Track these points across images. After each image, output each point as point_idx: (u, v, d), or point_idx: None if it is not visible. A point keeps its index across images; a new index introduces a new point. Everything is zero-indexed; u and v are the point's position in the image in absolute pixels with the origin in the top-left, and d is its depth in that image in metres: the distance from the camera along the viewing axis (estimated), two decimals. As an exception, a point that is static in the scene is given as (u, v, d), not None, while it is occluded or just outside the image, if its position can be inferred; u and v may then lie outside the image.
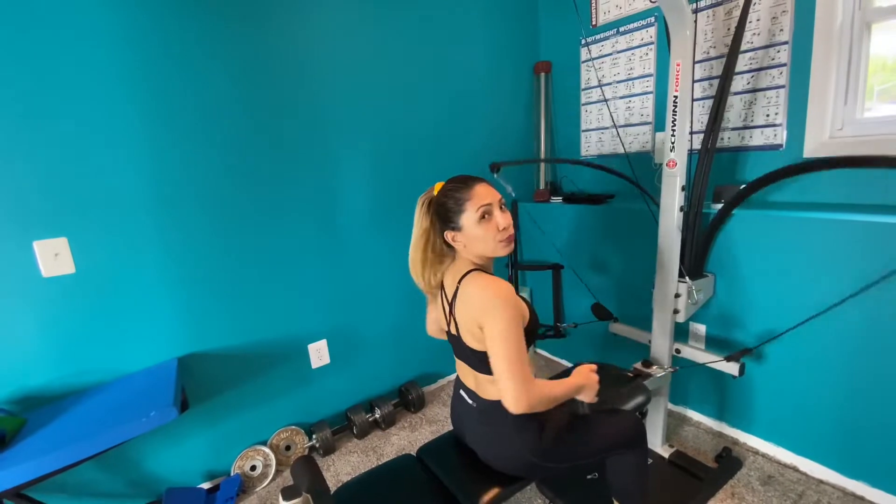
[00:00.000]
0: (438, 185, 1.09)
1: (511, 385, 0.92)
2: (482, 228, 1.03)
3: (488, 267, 1.11)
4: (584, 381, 1.07)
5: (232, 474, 1.74)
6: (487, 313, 0.96)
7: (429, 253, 1.10)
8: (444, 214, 1.06)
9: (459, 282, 1.05)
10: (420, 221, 1.10)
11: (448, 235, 1.07)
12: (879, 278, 1.33)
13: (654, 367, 1.61)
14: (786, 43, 1.58)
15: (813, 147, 1.57)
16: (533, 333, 1.07)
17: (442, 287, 1.14)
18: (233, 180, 1.64)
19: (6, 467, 1.08)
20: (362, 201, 1.98)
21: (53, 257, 1.36)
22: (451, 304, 1.09)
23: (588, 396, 1.09)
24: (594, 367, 1.12)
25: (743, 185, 1.56)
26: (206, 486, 1.72)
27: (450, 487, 1.11)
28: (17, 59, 1.26)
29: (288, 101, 1.73)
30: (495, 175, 1.84)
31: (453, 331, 1.11)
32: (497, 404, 1.07)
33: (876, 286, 1.34)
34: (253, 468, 1.77)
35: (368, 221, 2.01)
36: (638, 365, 1.64)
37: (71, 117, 1.35)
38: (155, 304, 1.55)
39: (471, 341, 1.05)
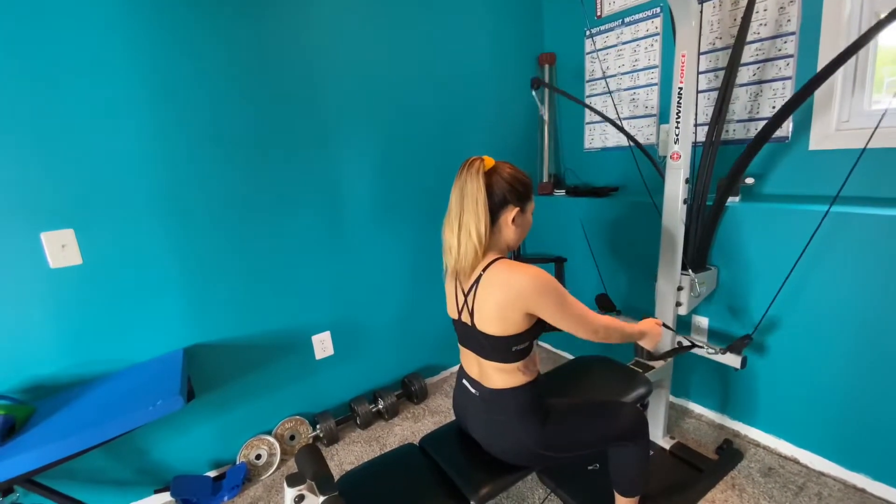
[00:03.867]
0: (489, 159, 1.06)
1: (590, 333, 1.07)
2: (530, 221, 1.12)
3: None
4: (648, 329, 1.20)
5: (237, 463, 1.76)
6: (539, 296, 0.99)
7: (488, 226, 1.03)
8: (522, 191, 1.07)
9: (484, 270, 1.03)
10: (474, 188, 1.02)
11: (512, 212, 1.05)
12: (881, 272, 1.32)
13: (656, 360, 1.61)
14: (793, 33, 1.56)
15: (819, 139, 1.55)
16: (544, 324, 1.07)
17: (456, 275, 1.11)
18: (238, 172, 1.65)
19: (16, 454, 1.10)
20: (367, 192, 1.98)
21: (61, 249, 1.37)
22: (467, 293, 1.07)
23: (649, 344, 1.22)
24: (660, 321, 1.25)
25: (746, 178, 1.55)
26: (212, 474, 1.75)
27: (451, 476, 1.12)
28: (26, 52, 1.27)
29: (293, 92, 1.73)
30: (534, 92, 1.91)
31: (465, 318, 1.09)
32: (501, 393, 1.08)
33: (878, 279, 1.34)
34: (258, 457, 1.79)
35: (373, 213, 2.01)
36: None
37: (78, 108, 1.36)
38: (161, 295, 1.56)
39: (489, 327, 1.03)
